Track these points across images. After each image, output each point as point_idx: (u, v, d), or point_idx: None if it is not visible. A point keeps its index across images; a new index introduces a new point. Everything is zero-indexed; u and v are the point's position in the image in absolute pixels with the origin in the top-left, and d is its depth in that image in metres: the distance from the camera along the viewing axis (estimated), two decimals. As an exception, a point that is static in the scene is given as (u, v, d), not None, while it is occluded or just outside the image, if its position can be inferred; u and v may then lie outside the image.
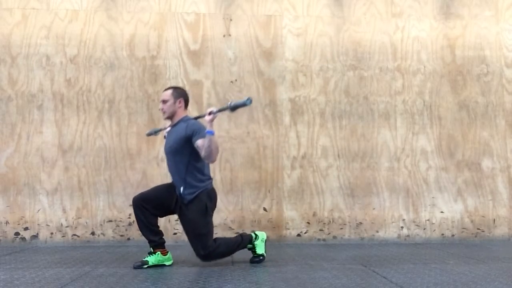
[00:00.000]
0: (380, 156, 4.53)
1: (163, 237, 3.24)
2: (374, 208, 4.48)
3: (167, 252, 3.24)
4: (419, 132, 4.59)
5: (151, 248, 3.20)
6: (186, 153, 3.13)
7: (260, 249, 3.32)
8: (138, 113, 4.40)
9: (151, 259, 3.16)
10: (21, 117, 4.32)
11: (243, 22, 4.55)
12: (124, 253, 3.78)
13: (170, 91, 3.28)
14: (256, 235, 3.35)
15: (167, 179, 4.33)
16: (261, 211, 4.39)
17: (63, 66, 4.39)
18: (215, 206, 3.26)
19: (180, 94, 3.30)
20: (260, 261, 3.29)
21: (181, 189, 3.13)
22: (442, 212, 4.53)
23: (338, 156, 4.50)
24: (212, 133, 2.98)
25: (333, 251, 3.90)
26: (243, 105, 2.99)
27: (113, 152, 4.35)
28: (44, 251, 3.88)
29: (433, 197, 4.54)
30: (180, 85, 4.42)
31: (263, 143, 4.45)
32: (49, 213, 4.26)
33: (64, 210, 4.27)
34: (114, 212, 4.30)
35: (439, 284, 2.63)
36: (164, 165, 4.36)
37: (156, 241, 3.18)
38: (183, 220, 3.19)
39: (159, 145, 4.36)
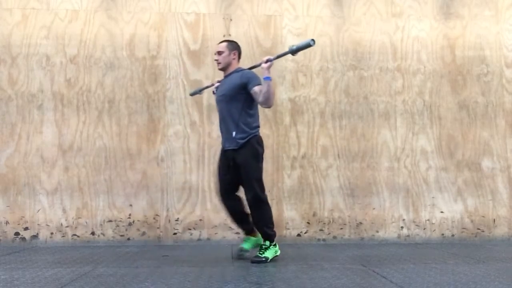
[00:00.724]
0: (380, 156, 4.53)
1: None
2: (374, 208, 4.48)
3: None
4: (419, 132, 4.59)
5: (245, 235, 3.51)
6: (241, 99, 3.29)
7: (269, 253, 3.32)
8: (138, 113, 4.40)
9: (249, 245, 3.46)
10: (21, 117, 4.32)
11: (243, 22, 4.55)
12: (124, 253, 3.78)
13: (225, 44, 3.46)
14: (275, 244, 3.40)
15: (167, 179, 4.35)
16: (261, 211, 4.38)
17: (63, 66, 4.39)
18: (263, 152, 3.40)
19: (235, 46, 3.48)
20: (260, 262, 3.27)
21: (233, 133, 3.29)
22: (442, 212, 4.53)
23: (338, 156, 4.50)
24: (270, 78, 3.15)
25: (333, 251, 3.90)
26: (307, 46, 2.97)
27: (113, 152, 4.35)
28: (44, 251, 3.88)
29: (433, 197, 4.54)
30: (180, 85, 4.43)
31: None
32: (49, 213, 4.26)
33: (64, 210, 4.27)
34: (114, 212, 4.30)
35: (439, 284, 2.63)
36: (164, 165, 4.38)
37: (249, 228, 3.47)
38: (237, 167, 3.30)
39: (159, 145, 4.37)
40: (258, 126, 3.41)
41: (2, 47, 4.36)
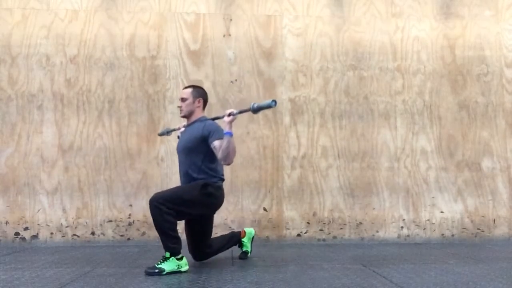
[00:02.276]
0: (380, 156, 4.53)
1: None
2: (374, 208, 4.48)
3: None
4: (419, 132, 4.59)
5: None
6: (202, 151, 3.09)
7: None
8: (138, 113, 4.40)
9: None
10: (21, 117, 4.32)
11: (243, 22, 4.55)
12: (124, 253, 3.78)
13: (190, 90, 3.25)
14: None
15: (167, 179, 4.35)
16: (261, 211, 4.39)
17: (63, 66, 4.39)
18: (219, 204, 3.20)
19: (200, 93, 3.27)
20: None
21: (195, 175, 3.07)
22: (442, 212, 4.53)
23: (338, 156, 4.50)
24: (230, 134, 2.95)
25: (333, 251, 3.90)
26: (268, 106, 2.88)
27: (113, 152, 4.35)
28: (44, 251, 3.88)
29: (433, 197, 4.54)
30: (180, 85, 4.43)
31: (263, 143, 4.45)
32: (49, 213, 4.26)
33: (64, 210, 4.27)
34: (114, 212, 4.30)
35: (439, 284, 2.63)
36: (164, 165, 4.38)
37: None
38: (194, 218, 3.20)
39: (159, 145, 4.36)
40: (222, 179, 3.19)
41: (2, 47, 4.36)
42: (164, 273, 2.89)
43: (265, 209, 4.40)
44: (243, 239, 3.50)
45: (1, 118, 4.31)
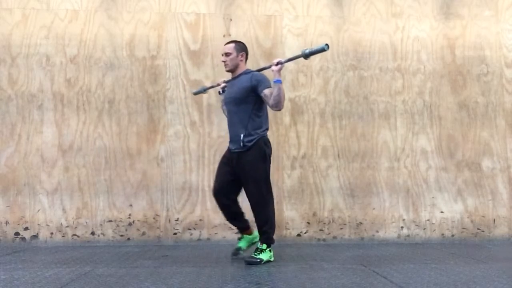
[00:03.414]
0: (380, 156, 4.53)
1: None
2: (374, 208, 4.48)
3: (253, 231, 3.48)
4: (419, 132, 4.59)
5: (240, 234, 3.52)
6: (250, 102, 3.26)
7: (264, 256, 3.25)
8: (138, 113, 4.40)
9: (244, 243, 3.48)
10: (21, 117, 4.32)
11: (243, 22, 4.55)
12: (124, 253, 3.78)
13: (232, 45, 3.40)
14: (271, 249, 3.32)
15: (167, 179, 4.35)
16: (261, 211, 4.38)
17: (63, 66, 4.39)
18: (271, 154, 3.36)
19: (242, 48, 3.42)
20: (254, 263, 3.19)
21: (241, 136, 3.24)
22: (442, 212, 4.53)
23: (338, 156, 4.50)
24: (280, 81, 3.11)
25: (333, 251, 3.90)
26: (321, 50, 2.91)
27: (113, 152, 4.35)
28: (44, 251, 3.88)
29: (433, 197, 4.54)
30: (180, 85, 4.43)
31: (263, 143, 4.44)
32: (49, 213, 4.26)
33: (64, 210, 4.27)
34: (114, 212, 4.30)
35: (439, 284, 2.63)
36: (164, 165, 4.38)
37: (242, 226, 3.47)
38: (241, 169, 3.27)
39: (159, 145, 4.37)
40: (267, 128, 3.39)
41: (2, 47, 4.36)
42: (263, 262, 3.19)
43: (265, 209, 4.39)
44: (247, 235, 3.49)
45: (1, 118, 4.31)
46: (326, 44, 2.90)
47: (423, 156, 4.57)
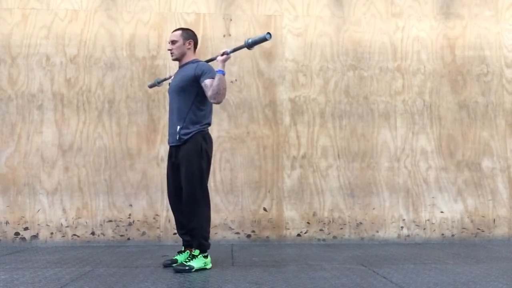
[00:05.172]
0: (380, 156, 4.53)
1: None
2: (374, 208, 4.48)
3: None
4: (419, 132, 4.59)
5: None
6: (192, 93, 3.06)
7: (195, 263, 2.97)
8: (138, 113, 4.40)
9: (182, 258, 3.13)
10: (21, 117, 4.32)
11: (243, 22, 4.55)
12: (124, 253, 3.78)
13: (179, 32, 3.19)
14: (207, 255, 3.05)
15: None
16: (261, 211, 4.39)
17: (63, 66, 4.39)
18: (211, 152, 3.13)
19: (190, 35, 3.21)
20: (183, 271, 2.92)
21: (178, 128, 3.04)
22: (442, 212, 4.53)
23: (338, 156, 4.50)
24: (222, 72, 2.94)
25: (333, 251, 3.90)
26: (263, 40, 2.84)
27: (113, 152, 4.35)
28: (44, 251, 3.88)
29: (433, 197, 4.54)
30: (180, 85, 4.42)
31: (263, 143, 4.45)
32: (49, 213, 4.26)
33: (64, 210, 4.27)
34: (114, 212, 4.30)
35: (439, 284, 2.63)
36: (164, 165, 4.35)
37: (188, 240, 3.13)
38: (178, 165, 3.06)
39: (159, 145, 4.36)
40: (209, 124, 3.14)
41: (2, 47, 4.36)
42: (193, 270, 2.93)
43: (265, 209, 4.40)
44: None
45: (1, 118, 4.31)
46: (268, 33, 2.84)
47: (423, 156, 4.57)
